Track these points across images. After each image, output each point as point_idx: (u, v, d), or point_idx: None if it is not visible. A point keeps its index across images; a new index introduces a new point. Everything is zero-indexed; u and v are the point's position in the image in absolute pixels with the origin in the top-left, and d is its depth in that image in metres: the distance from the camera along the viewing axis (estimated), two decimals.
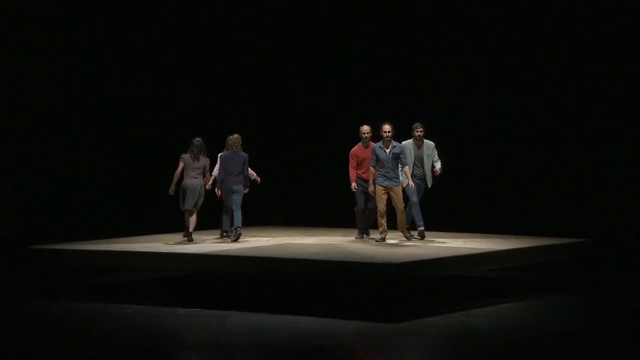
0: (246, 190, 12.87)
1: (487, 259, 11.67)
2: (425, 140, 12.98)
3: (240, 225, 12.68)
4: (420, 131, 12.93)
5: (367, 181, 12.76)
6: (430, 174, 13.00)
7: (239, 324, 10.24)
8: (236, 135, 12.85)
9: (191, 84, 16.89)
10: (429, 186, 13.07)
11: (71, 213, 16.33)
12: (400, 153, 12.49)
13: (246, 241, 12.60)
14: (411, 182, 12.61)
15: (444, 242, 12.52)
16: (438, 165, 12.97)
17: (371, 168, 12.50)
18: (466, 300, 11.55)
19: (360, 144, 12.96)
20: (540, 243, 12.43)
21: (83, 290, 12.57)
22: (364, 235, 13.09)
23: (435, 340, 9.66)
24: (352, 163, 12.95)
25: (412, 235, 12.75)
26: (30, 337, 9.74)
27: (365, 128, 12.93)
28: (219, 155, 12.84)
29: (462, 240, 12.75)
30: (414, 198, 12.82)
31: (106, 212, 16.51)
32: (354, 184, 12.90)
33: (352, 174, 12.94)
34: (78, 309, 11.18)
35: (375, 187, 12.49)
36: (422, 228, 12.77)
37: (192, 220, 12.58)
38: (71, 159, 16.49)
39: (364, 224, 13.09)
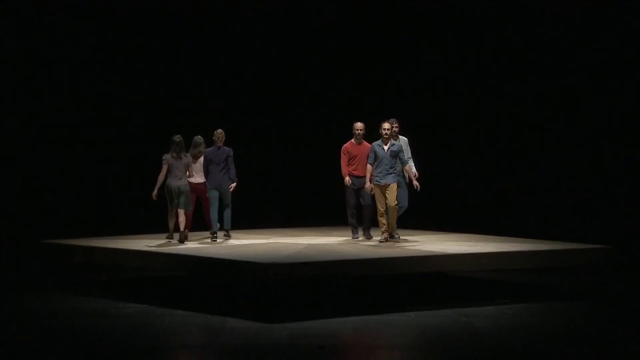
0: (232, 186, 12.82)
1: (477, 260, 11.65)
2: (400, 136, 12.98)
3: (230, 227, 12.74)
4: (396, 126, 12.90)
5: (358, 177, 12.78)
6: (406, 170, 12.96)
7: (238, 324, 10.24)
8: (219, 130, 12.82)
9: (186, 81, 16.87)
10: (407, 182, 12.94)
11: (75, 210, 16.37)
12: (399, 151, 12.49)
13: (239, 242, 12.64)
14: (415, 182, 12.58)
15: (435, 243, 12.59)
16: (414, 169, 12.89)
17: (368, 166, 12.50)
18: (466, 300, 11.55)
19: (352, 140, 12.98)
20: (542, 247, 12.30)
21: (83, 289, 12.56)
22: (358, 234, 13.08)
23: (435, 340, 9.65)
24: (343, 159, 12.93)
25: (399, 236, 12.72)
26: (30, 337, 9.74)
27: (359, 125, 12.95)
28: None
29: (462, 242, 12.79)
30: (404, 203, 12.84)
31: (108, 210, 16.53)
32: (347, 178, 12.88)
33: (345, 169, 12.93)
34: (78, 309, 11.18)
35: (372, 185, 12.48)
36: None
37: (182, 220, 12.37)
38: (78, 157, 16.53)
39: (357, 221, 13.07)
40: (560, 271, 13.52)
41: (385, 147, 12.42)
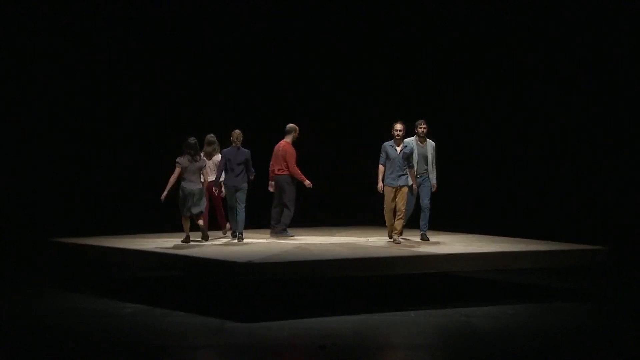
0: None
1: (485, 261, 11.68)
2: (427, 140, 12.88)
3: (242, 231, 12.57)
4: (424, 128, 12.76)
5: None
6: (433, 172, 12.88)
7: (238, 324, 10.24)
8: (237, 131, 12.64)
9: (188, 81, 16.84)
10: (432, 182, 12.87)
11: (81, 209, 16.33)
12: (411, 153, 12.42)
13: (250, 242, 12.63)
14: (415, 185, 12.56)
15: (444, 244, 12.56)
16: (434, 181, 12.85)
17: (380, 166, 12.44)
18: (466, 300, 11.56)
19: (290, 141, 13.07)
20: (541, 248, 12.29)
21: (83, 290, 12.56)
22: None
23: (435, 340, 9.66)
24: (295, 159, 13.00)
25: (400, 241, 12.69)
26: (30, 337, 9.74)
27: (291, 126, 13.00)
28: (221, 151, 12.67)
29: (465, 242, 12.76)
30: (426, 201, 12.72)
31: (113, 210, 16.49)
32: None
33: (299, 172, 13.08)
34: (78, 309, 11.18)
35: (383, 186, 12.38)
36: (424, 231, 12.76)
37: (201, 222, 12.20)
38: (76, 153, 16.49)
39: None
40: (558, 271, 13.53)
41: (398, 149, 12.34)
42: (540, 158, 16.64)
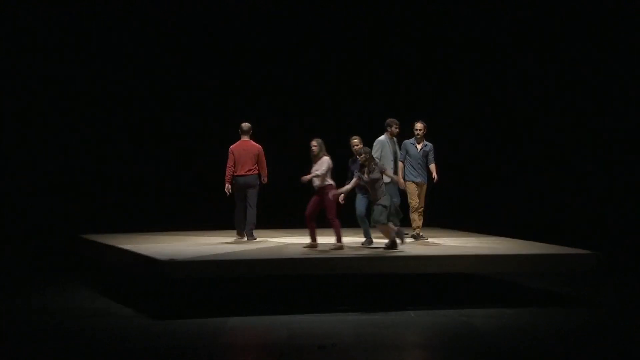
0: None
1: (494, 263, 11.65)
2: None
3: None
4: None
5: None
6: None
7: (239, 324, 10.25)
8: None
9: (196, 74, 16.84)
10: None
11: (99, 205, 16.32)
12: (430, 151, 12.66)
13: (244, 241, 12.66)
14: (436, 176, 12.68)
15: (446, 242, 12.59)
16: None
17: (400, 163, 12.59)
18: (466, 300, 11.57)
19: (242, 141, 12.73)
20: (542, 251, 12.21)
21: (83, 290, 12.57)
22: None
23: (435, 340, 9.66)
24: (230, 161, 12.53)
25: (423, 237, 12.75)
26: (30, 337, 9.74)
27: (246, 126, 12.71)
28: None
29: (466, 240, 12.78)
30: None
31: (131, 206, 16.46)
32: (227, 186, 12.47)
33: (229, 172, 12.55)
34: (78, 309, 11.19)
35: (405, 182, 12.56)
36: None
37: (392, 229, 11.74)
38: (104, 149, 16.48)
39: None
40: (554, 273, 13.57)
41: (419, 147, 12.63)
42: (534, 161, 16.69)
